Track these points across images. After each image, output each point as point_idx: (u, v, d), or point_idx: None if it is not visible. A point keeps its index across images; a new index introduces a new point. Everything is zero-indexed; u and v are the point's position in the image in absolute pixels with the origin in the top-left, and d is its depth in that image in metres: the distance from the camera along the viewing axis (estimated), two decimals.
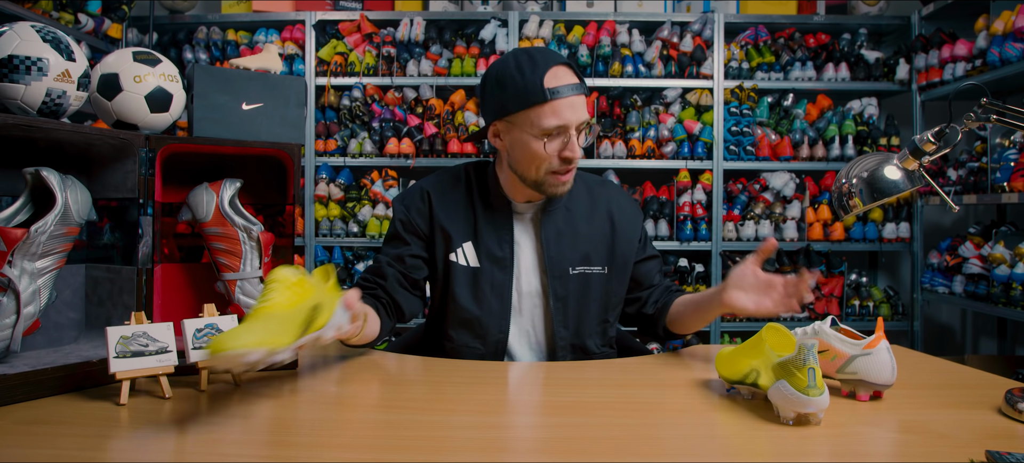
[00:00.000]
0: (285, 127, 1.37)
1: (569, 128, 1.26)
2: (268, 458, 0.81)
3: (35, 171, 1.05)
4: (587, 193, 1.45)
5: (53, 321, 1.19)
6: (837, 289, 3.42)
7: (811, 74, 3.43)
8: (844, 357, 1.04)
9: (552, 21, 3.43)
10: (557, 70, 1.26)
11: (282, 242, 1.32)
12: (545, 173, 1.29)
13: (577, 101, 1.26)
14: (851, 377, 1.03)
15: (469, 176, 1.44)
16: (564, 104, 1.24)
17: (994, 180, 2.79)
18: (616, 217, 1.43)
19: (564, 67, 1.27)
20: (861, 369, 1.02)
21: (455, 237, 1.38)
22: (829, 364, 1.06)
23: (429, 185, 1.43)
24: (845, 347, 1.04)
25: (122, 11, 3.18)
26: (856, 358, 1.02)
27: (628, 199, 1.49)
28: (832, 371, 1.06)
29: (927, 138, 1.04)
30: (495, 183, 1.41)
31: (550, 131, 1.25)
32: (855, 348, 1.03)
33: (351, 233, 3.37)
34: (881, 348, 1.01)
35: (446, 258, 1.38)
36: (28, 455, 0.79)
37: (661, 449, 0.86)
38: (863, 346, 1.02)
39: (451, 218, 1.39)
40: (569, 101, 1.25)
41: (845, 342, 1.04)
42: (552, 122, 1.24)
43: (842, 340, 1.05)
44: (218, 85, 1.29)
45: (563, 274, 1.37)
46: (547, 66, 1.25)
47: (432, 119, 3.43)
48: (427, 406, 1.00)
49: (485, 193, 1.41)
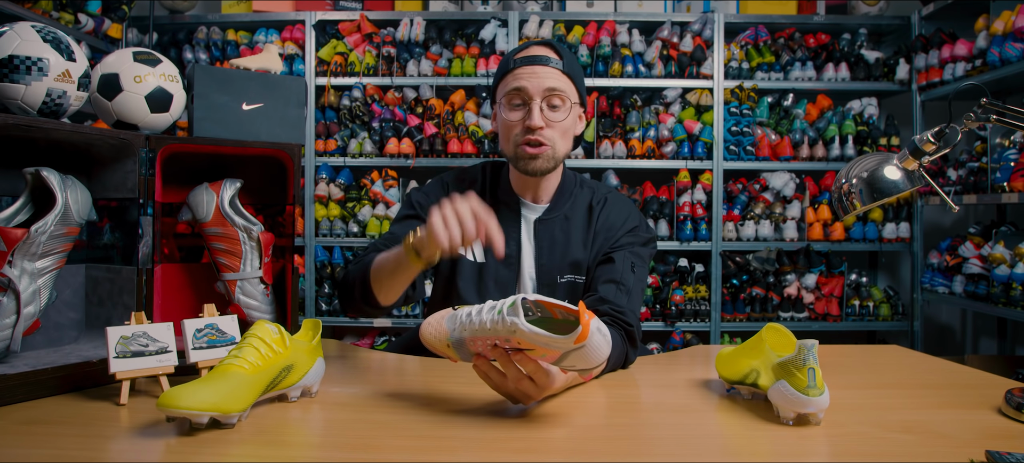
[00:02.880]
0: (285, 127, 1.37)
1: (530, 94, 1.28)
2: (268, 458, 0.81)
3: (35, 171, 1.05)
4: (590, 204, 1.43)
5: (53, 321, 1.19)
6: (837, 289, 3.42)
7: (811, 74, 3.43)
8: (556, 354, 0.85)
9: (552, 21, 3.43)
10: (534, 47, 1.31)
11: (282, 242, 1.32)
12: (514, 146, 1.32)
13: (542, 70, 1.28)
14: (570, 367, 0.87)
15: (485, 174, 1.46)
16: (525, 71, 1.29)
17: (994, 180, 2.79)
18: (600, 221, 1.40)
19: (543, 45, 1.32)
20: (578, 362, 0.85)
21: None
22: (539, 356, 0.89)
23: (449, 179, 1.46)
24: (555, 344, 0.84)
25: (122, 11, 3.17)
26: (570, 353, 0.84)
27: (625, 206, 1.44)
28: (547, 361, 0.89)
29: (927, 138, 1.04)
30: (506, 180, 1.43)
31: (511, 96, 1.29)
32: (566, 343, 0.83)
33: (351, 233, 3.37)
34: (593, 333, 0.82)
35: None
36: (28, 455, 0.79)
37: (661, 449, 0.86)
38: (573, 341, 0.82)
39: None
40: (531, 69, 1.28)
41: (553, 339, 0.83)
42: (511, 85, 1.29)
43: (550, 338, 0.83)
44: (218, 85, 1.29)
45: (551, 282, 1.37)
46: (529, 45, 1.31)
47: (432, 119, 3.43)
48: (427, 406, 1.00)
49: (496, 191, 1.43)
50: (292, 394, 1.00)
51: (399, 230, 1.36)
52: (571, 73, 1.32)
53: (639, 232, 1.40)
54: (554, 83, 1.29)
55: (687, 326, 3.38)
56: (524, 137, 1.30)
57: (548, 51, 1.31)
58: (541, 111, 1.29)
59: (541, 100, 1.28)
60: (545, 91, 1.28)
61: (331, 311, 3.35)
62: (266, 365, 0.92)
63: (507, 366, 0.90)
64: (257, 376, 0.90)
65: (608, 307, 1.24)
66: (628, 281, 1.30)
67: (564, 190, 1.42)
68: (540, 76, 1.28)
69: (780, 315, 3.37)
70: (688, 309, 3.35)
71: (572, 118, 1.34)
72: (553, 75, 1.29)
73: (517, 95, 1.29)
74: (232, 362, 0.90)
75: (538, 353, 0.87)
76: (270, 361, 0.93)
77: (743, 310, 3.38)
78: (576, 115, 1.37)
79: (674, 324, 3.36)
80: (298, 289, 1.42)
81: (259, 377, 0.91)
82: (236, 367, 0.89)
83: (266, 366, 0.92)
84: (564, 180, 1.44)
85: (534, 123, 1.28)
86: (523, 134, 1.30)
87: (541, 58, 1.29)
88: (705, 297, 3.38)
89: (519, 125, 1.30)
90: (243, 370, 0.89)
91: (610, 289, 1.28)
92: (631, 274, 1.32)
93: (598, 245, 1.38)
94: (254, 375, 0.90)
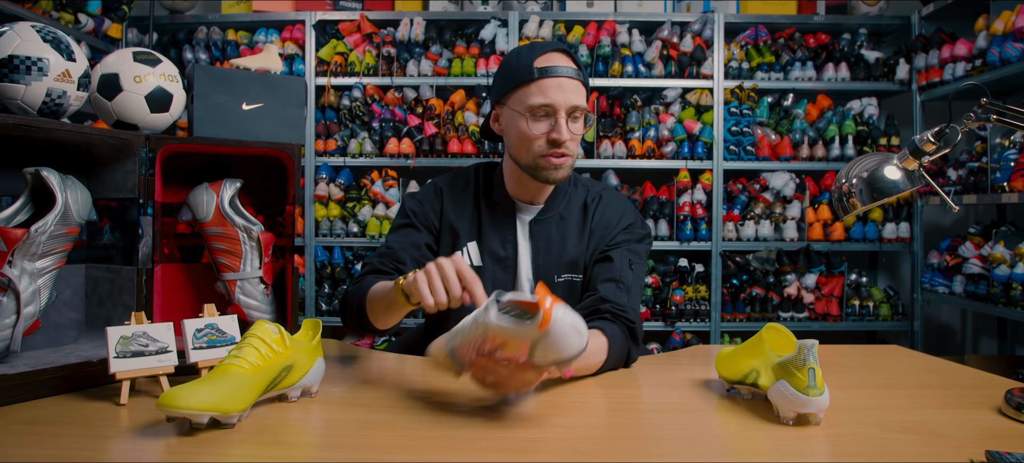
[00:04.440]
0: (285, 127, 1.37)
1: (556, 109, 1.27)
2: (268, 458, 0.81)
3: (35, 171, 1.05)
4: (585, 204, 1.43)
5: (53, 321, 1.19)
6: (837, 289, 3.42)
7: (811, 74, 3.43)
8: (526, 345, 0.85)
9: (552, 21, 3.43)
10: (552, 55, 1.29)
11: (282, 242, 1.32)
12: (535, 156, 1.30)
13: (567, 84, 1.27)
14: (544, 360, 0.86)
15: (478, 177, 1.45)
16: (551, 83, 1.26)
17: (994, 180, 2.79)
18: (596, 219, 1.40)
19: (560, 53, 1.30)
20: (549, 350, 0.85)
21: (462, 235, 1.39)
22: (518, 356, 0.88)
23: (442, 183, 1.45)
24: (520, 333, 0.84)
25: (122, 11, 3.18)
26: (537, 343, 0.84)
27: (619, 203, 1.44)
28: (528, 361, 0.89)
29: (927, 138, 1.04)
30: (500, 182, 1.42)
31: (536, 109, 1.27)
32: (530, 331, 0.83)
33: (351, 233, 3.37)
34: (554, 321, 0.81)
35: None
36: (28, 455, 0.79)
37: (661, 449, 0.86)
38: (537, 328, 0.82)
39: (459, 217, 1.40)
40: (557, 81, 1.26)
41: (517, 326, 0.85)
42: (537, 100, 1.26)
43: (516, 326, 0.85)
44: (218, 85, 1.29)
45: (549, 282, 1.37)
46: (544, 51, 1.29)
47: (432, 119, 3.43)
48: (427, 406, 1.00)
49: (490, 193, 1.42)
50: (292, 394, 1.00)
51: (395, 241, 1.38)
52: (585, 82, 1.32)
53: (635, 229, 1.40)
54: (579, 100, 1.29)
55: (687, 326, 3.38)
56: (549, 149, 1.28)
57: (568, 61, 1.29)
58: (566, 124, 1.28)
59: (566, 114, 1.28)
60: (571, 107, 1.28)
61: (331, 311, 3.35)
62: (266, 365, 0.92)
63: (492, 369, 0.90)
64: (257, 376, 0.90)
65: (609, 306, 1.24)
66: (627, 279, 1.31)
67: (559, 190, 1.42)
68: (566, 91, 1.27)
69: (780, 315, 3.37)
70: (688, 309, 3.35)
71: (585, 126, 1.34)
72: (577, 90, 1.29)
73: (543, 109, 1.27)
74: (232, 362, 0.90)
75: (511, 349, 0.87)
76: (270, 361, 0.93)
77: (743, 310, 3.38)
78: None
79: (674, 324, 3.36)
80: (298, 289, 1.42)
81: (259, 377, 0.91)
82: (236, 367, 0.89)
83: (266, 366, 0.92)
84: None
85: (562, 137, 1.27)
86: (548, 146, 1.28)
87: (564, 70, 1.27)
88: (705, 297, 3.38)
89: (543, 138, 1.28)
90: (243, 370, 0.89)
91: (610, 288, 1.28)
92: (629, 271, 1.32)
93: (594, 243, 1.38)
94: (254, 375, 0.90)
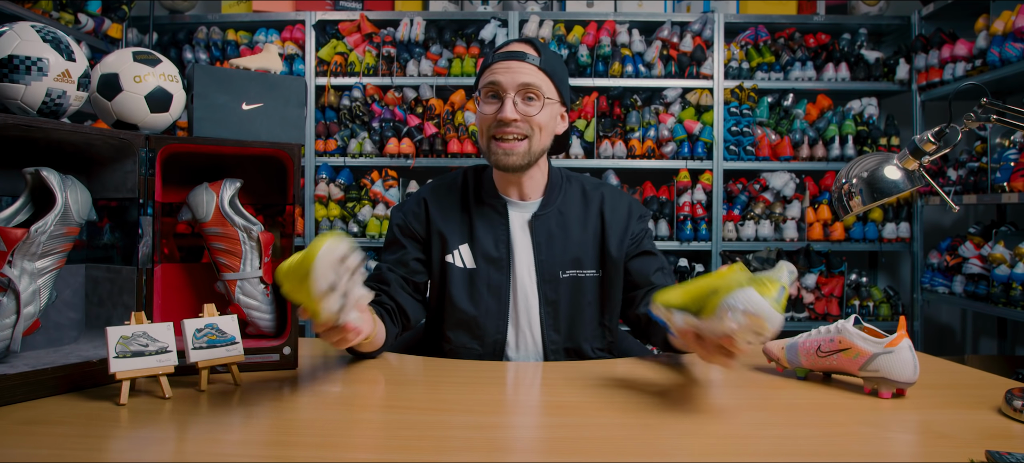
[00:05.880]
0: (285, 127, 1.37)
1: (504, 90, 1.30)
2: (268, 458, 0.81)
3: (35, 171, 1.05)
4: (582, 196, 1.44)
5: (53, 321, 1.19)
6: (837, 289, 3.42)
7: (811, 74, 3.43)
8: (866, 355, 1.05)
9: (552, 21, 3.43)
10: (513, 44, 1.35)
11: (282, 242, 1.32)
12: (488, 139, 1.34)
13: (516, 65, 1.31)
14: (873, 374, 1.05)
15: (466, 179, 1.45)
16: (500, 66, 1.32)
17: (994, 180, 2.79)
18: (607, 216, 1.42)
19: (522, 42, 1.35)
20: (883, 367, 1.03)
21: (451, 239, 1.38)
22: (851, 362, 1.07)
23: (426, 192, 1.46)
24: (867, 345, 1.05)
25: (122, 11, 3.18)
26: (878, 356, 1.03)
27: (622, 196, 1.47)
28: (855, 369, 1.07)
29: (927, 138, 1.04)
30: (489, 181, 1.42)
31: (486, 90, 1.33)
32: (877, 346, 1.04)
33: (351, 233, 3.37)
34: (903, 346, 1.02)
35: (442, 260, 1.39)
36: (28, 455, 0.79)
37: (661, 449, 0.86)
38: (885, 344, 1.03)
39: (447, 221, 1.40)
40: (506, 64, 1.31)
41: (867, 340, 1.05)
42: (485, 80, 1.33)
43: (864, 338, 1.06)
44: (218, 85, 1.29)
45: (553, 278, 1.38)
46: (509, 43, 1.36)
47: (432, 119, 3.43)
48: (427, 406, 1.00)
49: (480, 193, 1.42)
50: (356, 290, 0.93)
51: (384, 261, 1.41)
52: (549, 70, 1.33)
53: (644, 218, 1.48)
54: (529, 79, 1.31)
55: None
56: (496, 129, 1.32)
57: (526, 48, 1.33)
58: (515, 105, 1.30)
59: (515, 94, 1.30)
60: (519, 86, 1.30)
61: None
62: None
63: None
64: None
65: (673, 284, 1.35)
66: (664, 263, 1.46)
67: (553, 185, 1.42)
68: (515, 71, 1.30)
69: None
70: None
71: (548, 114, 1.34)
72: (529, 71, 1.31)
73: (492, 89, 1.32)
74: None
75: (851, 354, 1.07)
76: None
77: None
78: (555, 113, 1.37)
79: None
80: None
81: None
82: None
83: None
84: (551, 176, 1.44)
85: (506, 115, 1.30)
86: (496, 127, 1.32)
87: (518, 54, 1.31)
88: None
89: (492, 118, 1.32)
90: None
91: (660, 276, 1.42)
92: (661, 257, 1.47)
93: (617, 239, 1.40)
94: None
